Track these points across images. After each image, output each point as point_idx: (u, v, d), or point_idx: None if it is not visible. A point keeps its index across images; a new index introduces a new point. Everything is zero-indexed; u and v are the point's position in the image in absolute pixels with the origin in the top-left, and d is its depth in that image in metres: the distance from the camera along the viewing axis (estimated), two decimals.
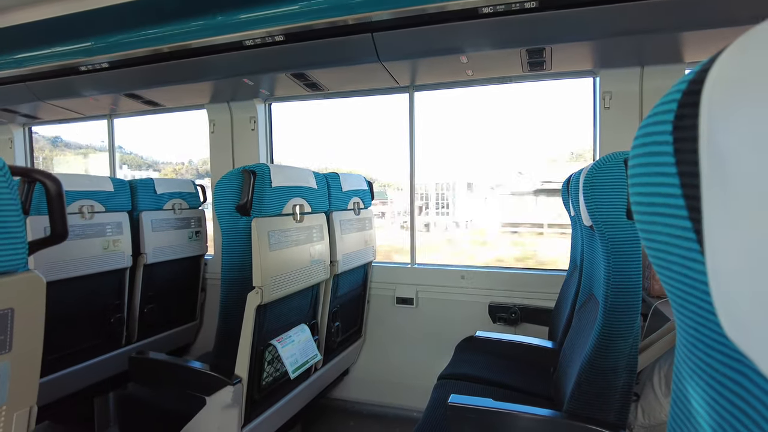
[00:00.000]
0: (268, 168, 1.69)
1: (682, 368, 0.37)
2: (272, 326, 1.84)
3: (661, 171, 0.34)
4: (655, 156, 0.34)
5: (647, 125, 0.36)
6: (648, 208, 0.36)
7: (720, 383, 0.31)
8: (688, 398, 0.36)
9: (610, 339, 1.21)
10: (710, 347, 0.32)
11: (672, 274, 0.35)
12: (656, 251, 0.37)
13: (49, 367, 2.14)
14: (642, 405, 1.85)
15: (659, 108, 0.34)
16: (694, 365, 0.35)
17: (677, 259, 0.34)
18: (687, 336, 0.36)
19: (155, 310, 2.70)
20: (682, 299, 0.34)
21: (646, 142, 0.36)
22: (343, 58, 2.25)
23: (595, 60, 2.24)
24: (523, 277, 2.54)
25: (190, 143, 5.40)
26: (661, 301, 1.94)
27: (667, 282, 0.36)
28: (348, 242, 2.31)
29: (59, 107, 3.20)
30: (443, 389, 1.77)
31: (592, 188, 1.20)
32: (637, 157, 0.37)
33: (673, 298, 0.37)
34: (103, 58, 2.50)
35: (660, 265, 0.37)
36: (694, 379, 0.35)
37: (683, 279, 0.33)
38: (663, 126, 0.33)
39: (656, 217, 0.35)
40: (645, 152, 0.36)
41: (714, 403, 0.32)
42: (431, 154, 3.44)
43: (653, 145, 0.35)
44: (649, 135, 0.35)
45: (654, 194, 0.35)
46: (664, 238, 0.35)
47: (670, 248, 0.34)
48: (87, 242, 2.27)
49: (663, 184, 0.34)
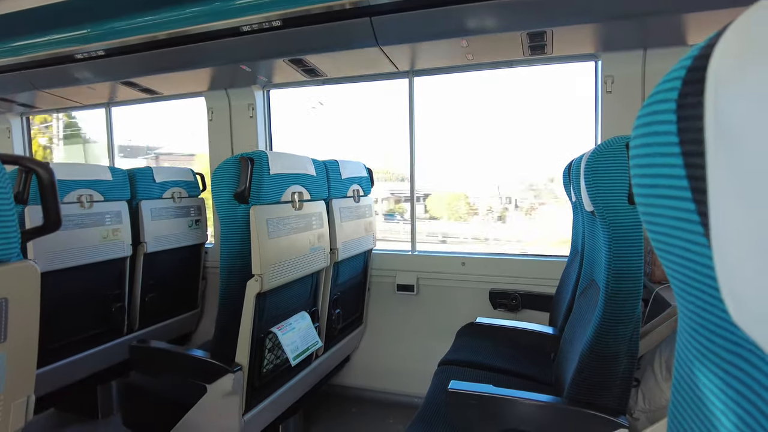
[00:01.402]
0: (266, 155, 1.67)
1: (685, 354, 0.36)
2: (272, 314, 1.83)
3: (663, 152, 0.32)
4: (657, 136, 0.33)
5: (649, 105, 0.35)
6: (650, 190, 0.35)
7: (724, 370, 0.30)
8: (690, 384, 0.35)
9: (611, 324, 1.21)
10: (714, 333, 0.31)
11: (675, 258, 0.34)
12: (659, 235, 0.36)
13: (52, 356, 2.15)
14: (643, 390, 1.85)
15: (662, 86, 0.33)
16: (696, 351, 0.34)
17: (680, 243, 0.32)
18: (690, 321, 0.35)
19: (156, 299, 2.70)
20: (686, 284, 0.33)
21: (648, 122, 0.35)
22: (341, 43, 2.22)
23: (597, 43, 2.21)
24: (524, 263, 2.53)
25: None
26: (663, 287, 1.93)
27: (670, 266, 0.35)
28: (348, 230, 2.30)
29: (56, 96, 3.18)
30: (444, 375, 1.77)
31: (593, 173, 1.18)
32: (639, 138, 0.36)
33: (675, 283, 0.36)
34: (99, 46, 2.47)
35: (663, 249, 0.36)
36: (696, 365, 0.34)
37: (687, 263, 0.32)
38: (666, 105, 0.32)
39: (659, 200, 0.34)
40: (647, 132, 0.35)
41: (717, 390, 0.31)
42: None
43: (655, 125, 0.33)
44: (652, 114, 0.34)
45: (656, 176, 0.34)
46: (667, 221, 0.34)
47: (673, 231, 0.33)
48: (86, 232, 2.26)
49: (666, 165, 0.32)
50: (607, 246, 1.19)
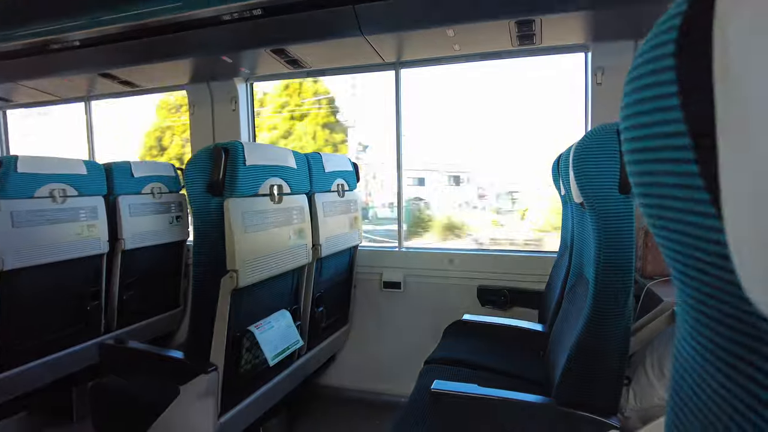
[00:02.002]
0: (242, 145, 1.60)
1: (686, 350, 0.31)
2: (251, 312, 1.76)
3: (659, 106, 0.26)
4: (652, 88, 0.27)
5: (643, 53, 0.28)
6: (643, 155, 0.29)
7: (734, 368, 0.25)
8: (692, 385, 0.29)
9: (600, 320, 1.15)
10: (723, 324, 0.26)
11: (674, 235, 0.28)
12: (654, 209, 0.29)
13: (24, 356, 2.07)
14: (634, 389, 1.80)
15: (658, 29, 0.27)
16: (700, 346, 0.28)
17: (680, 215, 0.26)
18: (693, 312, 0.29)
19: (135, 298, 2.62)
20: (687, 266, 0.27)
21: (640, 73, 0.28)
22: (324, 32, 2.15)
23: (587, 33, 2.16)
24: (513, 259, 2.48)
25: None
26: (654, 282, 1.88)
27: (668, 247, 0.29)
28: (331, 225, 2.24)
29: (33, 89, 3.09)
30: (429, 374, 1.71)
31: (582, 161, 1.13)
32: (629, 95, 0.30)
33: (675, 267, 0.29)
34: (75, 36, 2.38)
35: (659, 226, 0.29)
36: (700, 362, 0.28)
37: (687, 240, 0.26)
38: (663, 49, 0.26)
39: (654, 165, 0.28)
40: (639, 86, 0.28)
41: (726, 392, 0.26)
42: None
43: (650, 76, 0.27)
44: (645, 64, 0.28)
45: (651, 137, 0.27)
46: (663, 190, 0.27)
47: (671, 202, 0.27)
48: (59, 227, 2.18)
49: (663, 122, 0.26)
50: (597, 237, 1.13)
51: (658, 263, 1.97)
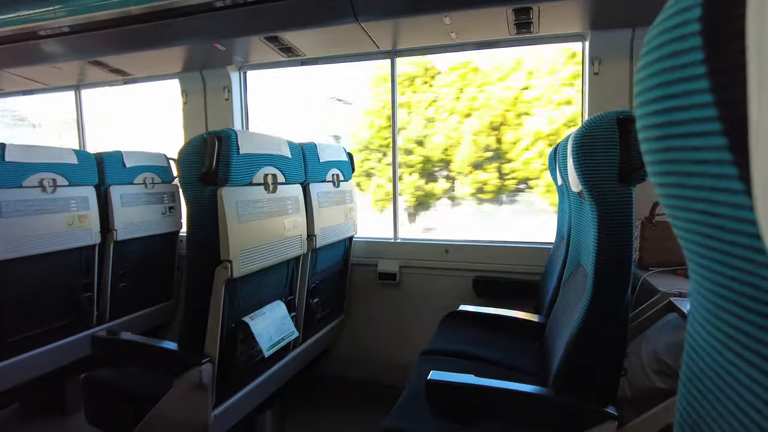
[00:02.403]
0: (235, 133, 1.57)
1: (701, 336, 0.29)
2: (245, 303, 1.74)
3: (683, 76, 0.24)
4: (674, 58, 0.25)
5: (663, 21, 0.26)
6: (664, 130, 0.27)
7: (759, 354, 0.23)
8: (710, 374, 0.28)
9: (599, 310, 1.14)
10: (748, 309, 0.24)
11: (695, 215, 0.26)
12: (673, 188, 0.27)
13: (15, 349, 2.04)
14: (630, 379, 1.81)
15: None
16: (720, 332, 0.27)
17: (703, 194, 0.25)
18: (712, 296, 0.27)
19: (128, 289, 2.59)
20: (707, 247, 0.26)
21: (660, 42, 0.26)
22: (318, 19, 2.12)
23: (585, 21, 2.14)
24: (509, 249, 2.47)
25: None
26: (650, 273, 1.88)
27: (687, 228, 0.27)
28: (327, 215, 2.21)
29: (21, 77, 3.02)
30: (425, 365, 1.70)
31: (581, 149, 1.11)
32: (648, 66, 0.28)
33: (693, 249, 0.28)
34: (64, 22, 2.33)
35: (677, 206, 0.28)
36: (720, 349, 0.27)
37: (710, 220, 0.25)
38: (687, 14, 0.24)
39: (675, 141, 0.26)
40: (659, 56, 0.26)
41: (750, 380, 0.24)
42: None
43: (671, 44, 0.25)
44: (666, 32, 0.26)
45: (673, 109, 0.26)
46: (686, 167, 0.26)
47: (694, 180, 0.25)
48: (49, 218, 2.14)
49: (687, 93, 0.24)
50: (596, 227, 1.12)
51: (655, 254, 1.97)
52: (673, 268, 1.89)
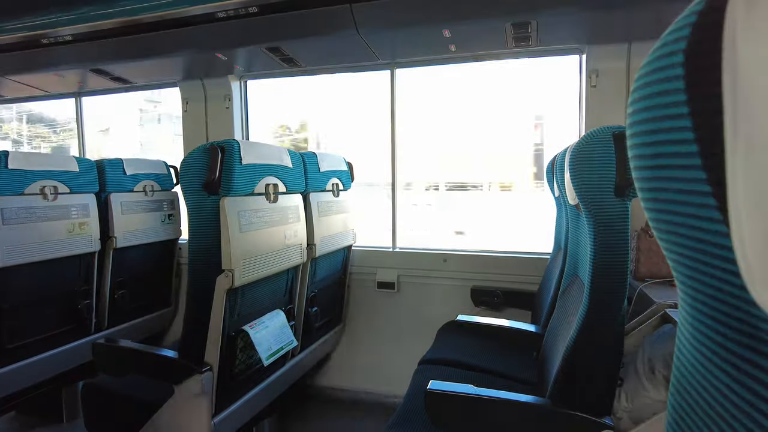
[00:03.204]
0: (238, 144, 1.59)
1: (688, 350, 0.31)
2: (245, 311, 1.75)
3: (668, 114, 0.27)
4: (661, 96, 0.27)
5: (651, 61, 0.29)
6: (652, 161, 0.29)
7: (737, 367, 0.26)
8: (695, 385, 0.30)
9: (595, 321, 1.16)
10: (726, 325, 0.27)
11: (680, 239, 0.28)
12: (661, 213, 0.30)
13: (13, 355, 2.05)
14: (626, 390, 1.82)
15: (667, 38, 0.27)
16: (703, 347, 0.29)
17: (687, 220, 0.27)
18: (696, 313, 0.29)
19: (127, 296, 2.60)
20: (692, 269, 0.28)
21: (649, 81, 0.29)
22: (320, 31, 2.15)
23: (582, 35, 2.18)
24: (506, 260, 2.49)
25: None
26: (646, 284, 1.90)
27: (674, 250, 0.30)
28: (326, 225, 2.23)
29: (22, 84, 3.04)
30: (423, 375, 1.71)
31: (578, 164, 1.13)
32: (638, 102, 0.30)
33: (679, 269, 0.30)
34: (67, 30, 2.35)
35: (665, 230, 0.30)
36: (703, 362, 0.29)
37: (694, 244, 0.27)
38: (672, 58, 0.26)
39: (662, 171, 0.28)
40: (648, 94, 0.29)
41: (729, 391, 0.26)
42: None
43: (659, 84, 0.27)
44: (654, 72, 0.28)
45: (659, 143, 0.28)
46: (671, 195, 0.28)
47: (679, 207, 0.28)
48: (50, 225, 2.15)
49: (671, 129, 0.27)
50: (592, 240, 1.14)
51: (651, 266, 1.99)
52: (669, 280, 1.92)
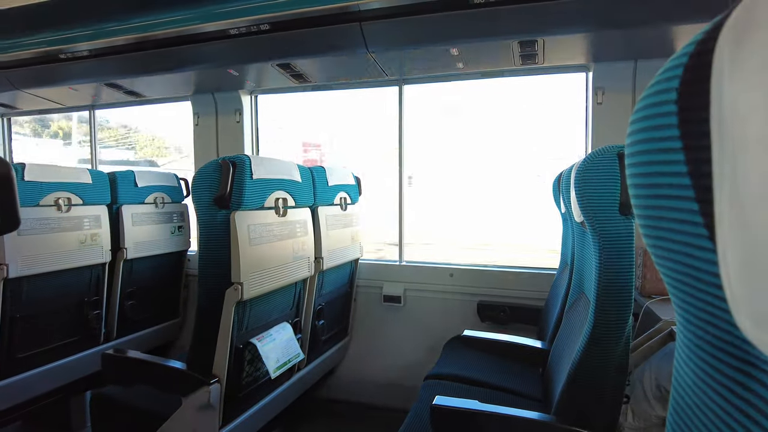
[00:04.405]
0: (249, 159, 1.62)
1: (685, 371, 0.33)
2: (253, 324, 1.77)
3: (663, 147, 0.29)
4: (656, 131, 0.29)
5: (647, 96, 0.31)
6: (648, 190, 0.32)
7: (730, 389, 0.27)
8: (691, 405, 0.32)
9: (600, 338, 1.17)
10: (719, 348, 0.28)
11: (676, 266, 0.30)
12: (657, 240, 0.32)
13: (23, 364, 2.07)
14: (632, 407, 1.81)
15: (662, 76, 0.29)
16: (698, 368, 0.30)
17: (682, 248, 0.29)
18: (691, 336, 0.31)
19: (136, 307, 2.62)
20: (687, 294, 0.30)
21: (645, 115, 0.31)
22: (330, 48, 2.19)
23: (589, 53, 2.20)
24: (513, 275, 2.49)
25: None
26: (653, 301, 1.90)
27: (670, 275, 0.32)
28: (334, 238, 2.25)
29: (38, 97, 3.11)
30: (429, 390, 1.72)
31: (583, 182, 1.15)
32: (635, 134, 0.33)
33: (675, 294, 0.32)
34: (83, 46, 2.41)
35: (661, 256, 0.32)
36: (699, 384, 0.30)
37: (689, 271, 0.29)
38: (666, 95, 0.28)
39: (658, 201, 0.31)
40: (644, 127, 0.31)
41: (722, 412, 0.28)
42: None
43: (653, 119, 0.30)
44: (650, 107, 0.30)
45: (655, 174, 0.30)
46: (666, 224, 0.30)
47: (674, 236, 0.30)
48: (63, 236, 2.19)
49: (666, 162, 0.29)
50: (597, 257, 1.15)
51: (657, 282, 1.99)
52: None
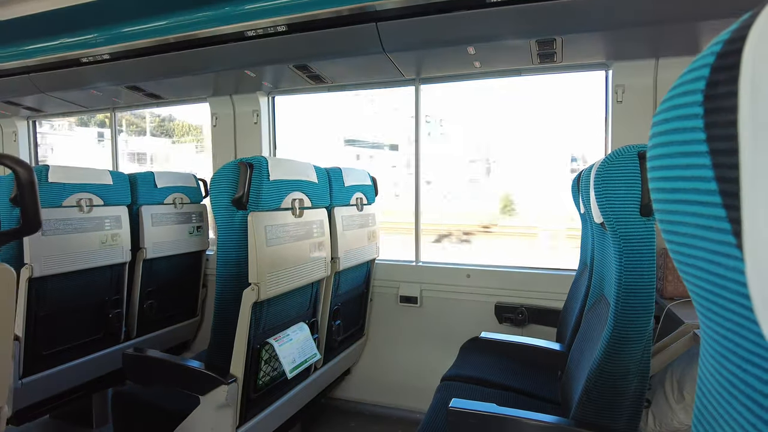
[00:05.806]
0: (266, 160, 1.63)
1: (710, 382, 0.32)
2: (270, 324, 1.78)
3: (687, 150, 0.28)
4: (680, 133, 0.28)
5: (671, 98, 0.30)
6: (671, 195, 0.30)
7: (758, 403, 0.26)
8: (716, 417, 0.30)
9: (621, 342, 1.14)
10: (746, 360, 0.27)
11: (700, 273, 0.29)
12: (681, 247, 0.31)
13: (47, 362, 2.12)
14: (653, 411, 1.78)
15: (685, 77, 0.28)
16: (724, 380, 0.29)
17: (706, 255, 0.28)
18: (717, 345, 0.30)
19: (155, 306, 2.66)
20: (712, 303, 0.29)
21: (669, 117, 0.30)
22: (347, 49, 2.19)
23: (608, 52, 2.16)
24: (531, 276, 2.46)
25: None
26: (675, 303, 1.86)
27: (694, 283, 0.30)
28: (350, 239, 2.25)
29: (62, 100, 3.18)
30: (446, 392, 1.71)
31: (603, 183, 1.13)
32: (658, 136, 0.31)
33: (700, 302, 0.31)
34: (105, 50, 2.46)
35: (684, 262, 0.31)
36: (725, 395, 0.29)
37: (714, 279, 0.28)
38: (691, 97, 0.27)
39: (681, 206, 0.29)
40: (667, 129, 0.30)
41: (750, 427, 0.26)
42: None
43: (678, 120, 0.29)
44: (673, 109, 0.29)
45: (679, 178, 0.29)
46: (690, 230, 0.29)
47: (698, 242, 0.28)
48: (85, 236, 2.23)
49: (690, 166, 0.28)
50: (618, 259, 1.13)
51: (678, 285, 1.95)
52: None
